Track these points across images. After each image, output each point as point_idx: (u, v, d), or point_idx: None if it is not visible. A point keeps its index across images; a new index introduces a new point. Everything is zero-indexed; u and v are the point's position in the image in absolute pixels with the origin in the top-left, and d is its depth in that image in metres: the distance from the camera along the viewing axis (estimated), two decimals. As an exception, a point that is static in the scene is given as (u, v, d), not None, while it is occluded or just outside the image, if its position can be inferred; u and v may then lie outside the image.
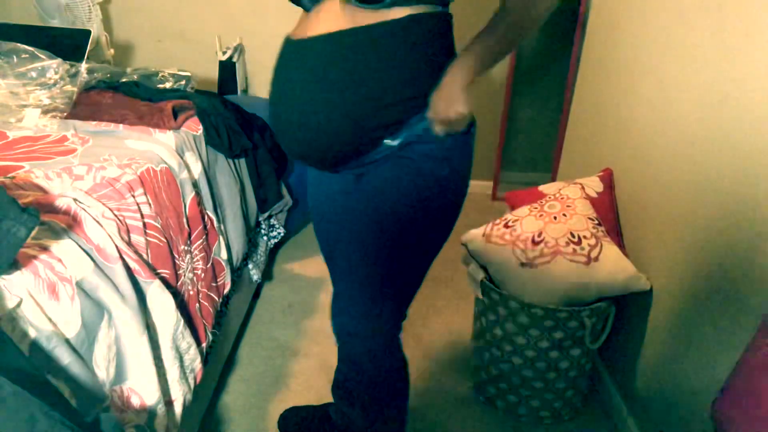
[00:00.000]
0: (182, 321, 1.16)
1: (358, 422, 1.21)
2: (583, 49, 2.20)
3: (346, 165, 1.02)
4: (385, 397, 1.17)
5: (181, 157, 1.44)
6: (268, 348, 1.91)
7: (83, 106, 1.57)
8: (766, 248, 1.05)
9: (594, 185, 1.68)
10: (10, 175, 1.12)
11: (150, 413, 1.04)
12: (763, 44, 1.08)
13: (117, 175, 1.18)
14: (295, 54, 0.98)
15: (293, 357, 1.87)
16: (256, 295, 2.18)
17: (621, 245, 1.63)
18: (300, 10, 1.02)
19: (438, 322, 2.07)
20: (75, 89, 1.59)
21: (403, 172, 0.97)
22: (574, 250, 1.50)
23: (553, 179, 2.80)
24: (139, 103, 1.59)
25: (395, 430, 1.22)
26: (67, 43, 1.76)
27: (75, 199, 1.02)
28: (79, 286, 0.90)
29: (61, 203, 1.00)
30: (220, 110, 1.72)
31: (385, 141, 0.96)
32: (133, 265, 1.04)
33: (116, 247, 1.01)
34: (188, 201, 1.40)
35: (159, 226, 1.21)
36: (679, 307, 1.35)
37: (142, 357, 1.01)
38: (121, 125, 1.50)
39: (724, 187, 1.18)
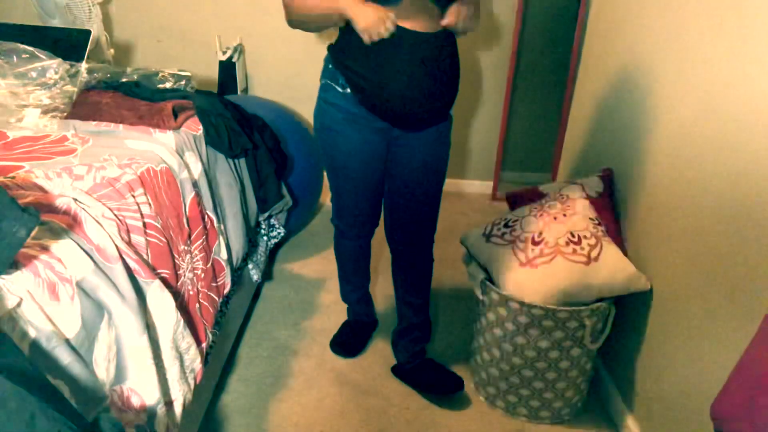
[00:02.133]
0: (182, 321, 1.16)
1: (424, 293, 1.78)
2: (583, 49, 2.20)
3: (433, 124, 1.47)
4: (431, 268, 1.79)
5: (181, 157, 1.43)
6: (268, 348, 1.91)
7: (83, 106, 1.57)
8: (766, 248, 1.05)
9: (594, 185, 1.68)
10: (10, 175, 1.12)
11: (150, 413, 1.04)
12: (762, 44, 1.08)
13: (117, 175, 1.18)
14: (414, 42, 1.31)
15: (293, 357, 1.87)
16: (256, 295, 2.18)
17: (621, 245, 1.63)
18: None
19: (438, 322, 2.07)
20: (75, 89, 1.59)
21: (448, 130, 1.54)
22: (574, 250, 1.50)
23: (553, 179, 2.80)
24: (139, 103, 1.59)
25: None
26: (67, 43, 1.76)
27: (75, 199, 1.02)
28: (79, 286, 0.90)
29: (61, 203, 0.99)
30: (220, 110, 1.72)
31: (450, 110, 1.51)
32: (133, 265, 1.04)
33: (116, 247, 1.01)
34: (188, 201, 1.40)
35: (159, 226, 1.21)
36: (679, 307, 1.35)
37: (142, 357, 1.01)
38: (121, 125, 1.50)
39: (723, 186, 1.18)
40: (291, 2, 1.37)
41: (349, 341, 1.92)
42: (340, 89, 1.42)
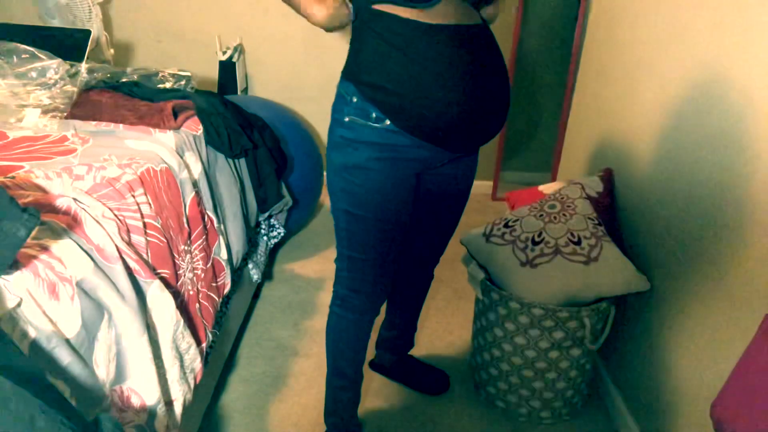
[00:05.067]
0: (182, 321, 1.16)
1: (420, 306, 1.73)
2: (583, 49, 2.20)
3: (493, 135, 1.23)
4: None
5: (181, 157, 1.44)
6: (268, 348, 1.91)
7: (83, 106, 1.57)
8: (765, 247, 1.05)
9: (594, 185, 1.68)
10: (10, 175, 1.12)
11: (150, 413, 1.04)
12: (762, 43, 1.08)
13: (117, 175, 1.18)
14: (458, 40, 1.10)
15: (293, 357, 1.87)
16: (256, 295, 2.18)
17: (621, 245, 1.63)
18: None
19: (438, 322, 2.07)
20: (75, 89, 1.59)
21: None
22: (574, 250, 1.50)
23: (553, 179, 2.80)
24: (139, 103, 1.59)
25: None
26: (67, 43, 1.76)
27: (75, 199, 1.02)
28: (79, 286, 0.90)
29: (61, 203, 0.99)
30: (220, 110, 1.72)
31: None
32: (133, 265, 1.04)
33: (116, 247, 1.01)
34: (188, 201, 1.40)
35: (159, 226, 1.21)
36: (679, 307, 1.35)
37: (142, 357, 1.01)
38: (121, 125, 1.50)
39: (723, 186, 1.18)
40: None
41: None
42: (374, 124, 1.16)
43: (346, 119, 1.18)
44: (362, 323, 1.41)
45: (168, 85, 1.79)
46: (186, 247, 1.34)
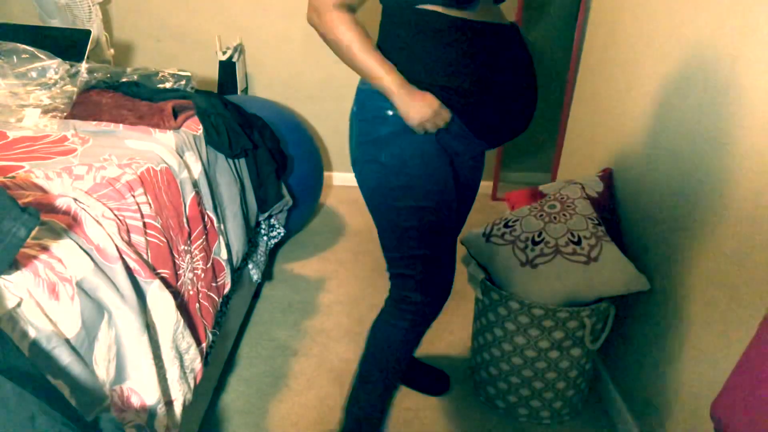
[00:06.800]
0: (182, 321, 1.16)
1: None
2: (583, 49, 2.20)
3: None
4: None
5: (181, 157, 1.44)
6: (268, 348, 1.91)
7: (83, 106, 1.57)
8: (766, 247, 1.05)
9: (594, 185, 1.68)
10: (10, 175, 1.12)
11: (150, 413, 1.04)
12: (761, 43, 1.08)
13: (117, 175, 1.18)
14: (501, 37, 1.15)
15: (293, 357, 1.87)
16: (256, 295, 2.18)
17: (621, 245, 1.63)
18: None
19: (438, 322, 2.07)
20: (75, 89, 1.59)
21: None
22: (574, 250, 1.50)
23: (553, 179, 2.80)
24: (139, 103, 1.59)
25: None
26: (67, 43, 1.76)
27: (75, 199, 1.02)
28: (79, 286, 0.90)
29: (61, 203, 0.99)
30: (220, 110, 1.72)
31: None
32: (133, 265, 1.04)
33: (116, 247, 1.01)
34: (188, 201, 1.40)
35: (159, 226, 1.21)
36: (679, 307, 1.35)
37: (142, 357, 1.01)
38: (121, 125, 1.50)
39: (723, 185, 1.18)
40: (327, 30, 1.09)
41: None
42: None
43: (389, 113, 1.14)
44: (422, 333, 1.35)
45: (168, 85, 1.79)
46: (186, 247, 1.34)
